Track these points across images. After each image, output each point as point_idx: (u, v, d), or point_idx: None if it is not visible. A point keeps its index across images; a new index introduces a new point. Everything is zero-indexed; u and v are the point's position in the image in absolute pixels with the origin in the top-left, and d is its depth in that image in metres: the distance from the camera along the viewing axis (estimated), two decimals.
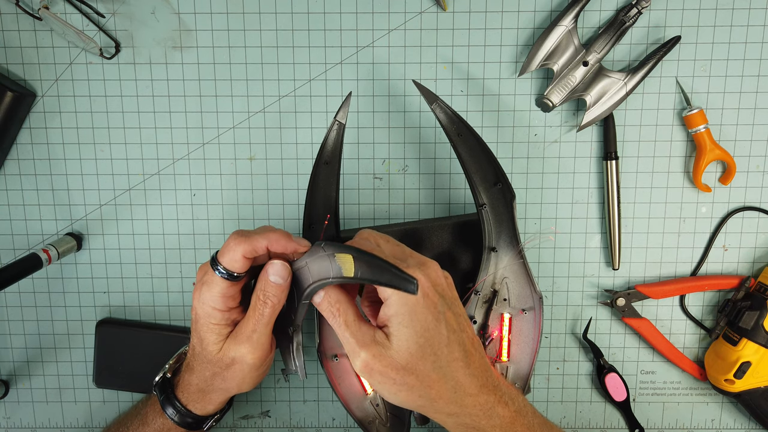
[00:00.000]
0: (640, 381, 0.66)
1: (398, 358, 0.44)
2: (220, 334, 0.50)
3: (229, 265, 0.47)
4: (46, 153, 0.62)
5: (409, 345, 0.44)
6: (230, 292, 0.49)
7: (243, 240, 0.46)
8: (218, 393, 0.53)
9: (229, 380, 0.52)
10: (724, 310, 0.63)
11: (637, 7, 0.57)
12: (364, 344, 0.45)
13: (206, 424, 0.56)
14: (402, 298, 0.44)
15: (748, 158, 0.62)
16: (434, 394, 0.45)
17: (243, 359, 0.50)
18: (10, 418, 0.67)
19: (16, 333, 0.65)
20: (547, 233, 0.63)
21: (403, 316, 0.44)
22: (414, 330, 0.44)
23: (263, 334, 0.49)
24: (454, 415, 0.47)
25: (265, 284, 0.48)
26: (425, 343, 0.44)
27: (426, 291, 0.45)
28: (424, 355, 0.44)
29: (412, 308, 0.44)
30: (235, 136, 0.62)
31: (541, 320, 0.57)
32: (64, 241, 0.61)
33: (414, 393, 0.45)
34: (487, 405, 0.47)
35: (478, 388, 0.47)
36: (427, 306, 0.44)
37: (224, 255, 0.47)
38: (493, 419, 0.47)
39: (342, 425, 0.67)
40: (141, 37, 0.60)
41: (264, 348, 0.50)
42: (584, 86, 0.59)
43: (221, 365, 0.51)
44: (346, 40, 0.60)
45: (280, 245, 0.47)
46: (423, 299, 0.44)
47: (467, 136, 0.55)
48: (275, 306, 0.49)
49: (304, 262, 0.48)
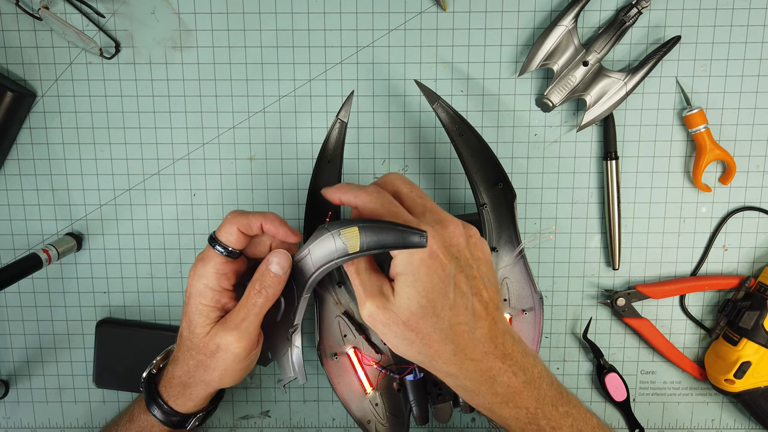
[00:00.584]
0: (640, 381, 0.66)
1: (399, 313, 0.44)
2: (208, 317, 0.50)
3: (225, 239, 0.48)
4: (46, 153, 0.62)
5: (410, 304, 0.44)
6: (224, 270, 0.49)
7: (239, 214, 0.49)
8: (199, 387, 0.52)
9: (211, 370, 0.51)
10: (724, 310, 0.63)
11: (637, 7, 0.57)
12: (371, 294, 0.45)
13: (189, 423, 0.55)
14: (407, 258, 0.43)
15: (748, 158, 0.62)
16: (433, 352, 0.45)
17: (228, 347, 0.49)
18: (10, 418, 0.67)
19: (16, 333, 0.65)
20: (547, 233, 0.63)
21: (407, 275, 0.43)
22: (416, 290, 0.43)
23: (252, 324, 0.49)
24: (453, 376, 0.46)
25: (263, 274, 0.48)
26: (427, 304, 0.43)
27: (435, 251, 0.43)
28: (425, 315, 0.44)
29: (416, 268, 0.43)
30: (235, 136, 0.62)
31: (541, 320, 0.57)
32: (64, 241, 0.61)
33: (414, 348, 0.45)
34: (490, 372, 0.46)
35: (482, 354, 0.45)
36: (433, 267, 0.43)
37: (221, 229, 0.49)
38: (495, 386, 0.46)
39: (342, 425, 0.67)
40: (141, 37, 0.60)
41: (251, 339, 0.49)
42: (584, 86, 0.59)
43: (206, 352, 0.50)
44: (346, 40, 0.60)
45: (274, 225, 0.49)
46: (430, 260, 0.43)
47: (469, 136, 0.55)
48: (269, 298, 0.49)
49: (307, 250, 0.47)
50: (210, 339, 0.49)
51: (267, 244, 0.51)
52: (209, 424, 0.67)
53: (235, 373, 0.51)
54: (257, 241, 0.51)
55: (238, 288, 0.51)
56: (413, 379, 0.57)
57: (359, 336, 0.57)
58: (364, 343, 0.57)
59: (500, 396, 0.47)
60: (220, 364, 0.50)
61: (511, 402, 0.47)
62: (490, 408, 0.48)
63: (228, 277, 0.50)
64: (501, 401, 0.47)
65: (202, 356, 0.50)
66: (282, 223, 0.49)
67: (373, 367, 0.58)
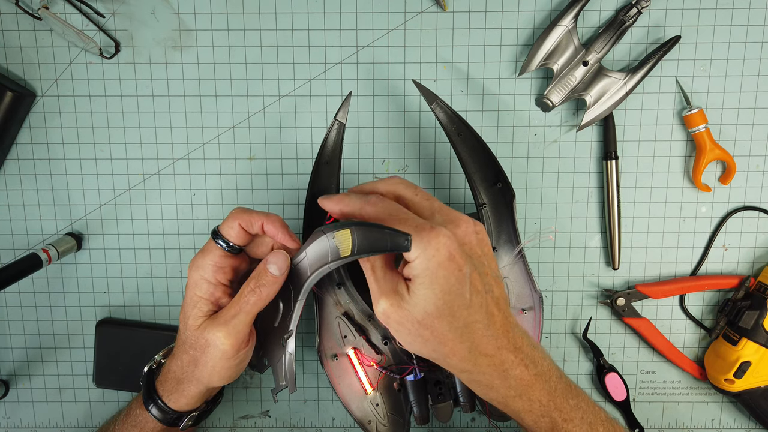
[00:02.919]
0: (640, 381, 0.66)
1: (415, 312, 0.44)
2: (201, 309, 0.50)
3: (226, 233, 0.49)
4: (45, 153, 0.62)
5: (426, 304, 0.43)
6: (222, 263, 0.50)
7: (243, 211, 0.49)
8: (192, 383, 0.52)
9: (201, 366, 0.50)
10: (724, 309, 0.63)
11: (636, 6, 0.57)
12: (385, 292, 0.45)
13: (181, 423, 0.54)
14: (424, 262, 0.43)
15: (747, 158, 0.62)
16: (448, 350, 0.45)
17: (216, 343, 0.49)
18: (10, 418, 0.67)
19: (16, 333, 0.65)
20: (547, 233, 0.63)
21: (424, 277, 0.43)
22: (433, 292, 0.43)
23: (242, 322, 0.49)
24: (467, 372, 0.47)
25: (260, 273, 0.49)
26: (443, 305, 0.43)
27: (452, 253, 0.43)
28: (440, 315, 0.44)
29: (434, 271, 0.43)
30: (235, 136, 0.62)
31: (541, 320, 0.57)
32: (64, 241, 0.61)
33: (428, 346, 0.45)
34: (503, 366, 0.46)
35: (495, 349, 0.46)
36: (451, 269, 0.43)
37: (224, 223, 0.50)
38: (509, 380, 0.47)
39: (342, 425, 0.67)
40: (141, 36, 0.60)
41: (239, 337, 0.49)
42: (584, 86, 0.59)
43: (197, 347, 0.50)
44: (346, 39, 0.60)
45: (274, 227, 0.49)
46: (447, 261, 0.43)
47: (467, 135, 0.55)
48: (262, 297, 0.49)
49: (304, 253, 0.47)
50: (200, 333, 0.49)
51: (269, 246, 0.51)
52: (209, 424, 0.67)
53: (223, 371, 0.51)
54: (260, 242, 0.52)
55: (236, 287, 0.51)
56: (413, 380, 0.57)
57: (359, 337, 0.57)
58: (364, 343, 0.57)
59: (513, 389, 0.47)
60: (209, 361, 0.50)
61: (525, 395, 0.47)
62: (504, 402, 0.48)
63: (225, 272, 0.50)
64: (515, 394, 0.47)
65: (194, 351, 0.50)
66: (283, 226, 0.49)
67: (373, 368, 0.58)
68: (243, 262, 0.52)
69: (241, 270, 0.52)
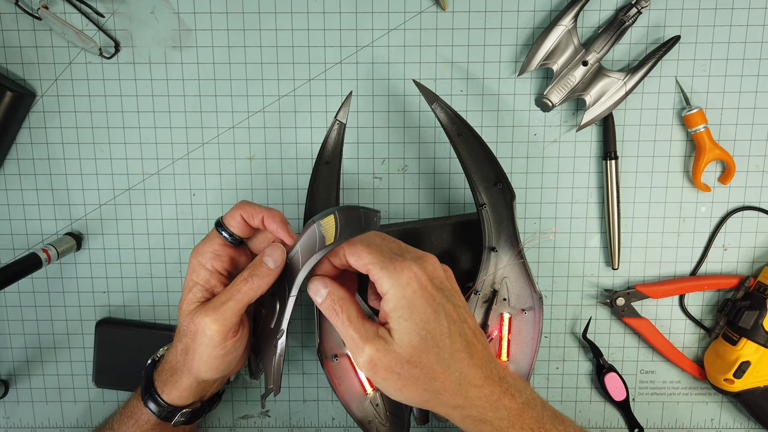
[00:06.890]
0: (640, 381, 0.66)
1: (402, 351, 0.44)
2: (195, 295, 0.50)
3: (228, 223, 0.50)
4: (45, 153, 0.62)
5: (411, 338, 0.44)
6: (221, 252, 0.50)
7: (247, 204, 0.50)
8: (183, 374, 0.52)
9: (191, 355, 0.50)
10: (724, 309, 0.63)
11: (636, 6, 0.57)
12: (368, 339, 0.45)
13: (174, 418, 0.54)
14: (399, 291, 0.44)
15: (747, 158, 0.62)
16: (439, 386, 0.46)
17: (204, 329, 0.49)
18: (10, 418, 0.67)
19: (16, 333, 0.65)
20: (547, 233, 0.63)
21: (402, 309, 0.44)
22: (414, 322, 0.44)
23: (231, 309, 0.49)
24: (460, 407, 0.47)
25: (255, 264, 0.49)
26: (427, 335, 0.44)
27: (423, 284, 0.45)
28: (427, 347, 0.45)
29: (411, 300, 0.44)
30: (235, 135, 0.62)
31: (541, 320, 0.57)
32: (64, 241, 0.61)
33: (419, 386, 0.45)
34: (492, 396, 0.47)
35: (482, 379, 0.46)
36: (425, 298, 0.45)
37: (227, 214, 0.51)
38: (500, 411, 0.47)
39: (342, 425, 0.67)
40: (140, 36, 0.60)
41: (227, 324, 0.49)
42: (584, 86, 0.59)
43: (188, 333, 0.50)
44: (346, 39, 0.60)
45: (274, 222, 0.49)
46: (421, 291, 0.45)
47: (467, 135, 0.55)
48: (254, 287, 0.48)
49: (297, 247, 0.48)
50: (191, 319, 0.50)
51: (271, 241, 0.51)
52: (209, 424, 0.67)
53: (210, 360, 0.50)
54: (262, 237, 0.52)
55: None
56: None
57: None
58: None
59: (506, 420, 0.47)
60: (198, 348, 0.50)
61: (517, 424, 0.48)
62: None
63: (223, 261, 0.51)
64: (508, 425, 0.48)
65: (186, 338, 0.51)
66: (282, 223, 0.50)
67: None
68: (244, 256, 0.52)
69: (241, 264, 0.52)
